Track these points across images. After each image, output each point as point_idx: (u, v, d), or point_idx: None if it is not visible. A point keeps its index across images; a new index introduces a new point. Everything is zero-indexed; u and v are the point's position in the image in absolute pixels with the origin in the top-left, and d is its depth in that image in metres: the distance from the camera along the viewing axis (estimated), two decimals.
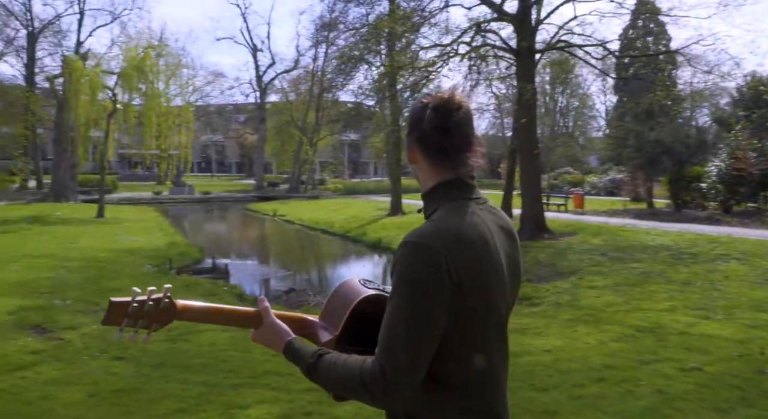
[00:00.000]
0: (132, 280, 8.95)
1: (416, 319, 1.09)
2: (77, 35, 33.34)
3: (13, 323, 5.94)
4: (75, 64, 19.69)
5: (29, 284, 7.87)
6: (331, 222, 19.41)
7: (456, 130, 1.21)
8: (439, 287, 1.09)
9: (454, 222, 1.17)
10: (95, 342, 5.37)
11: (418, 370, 1.10)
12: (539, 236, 12.97)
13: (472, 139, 1.23)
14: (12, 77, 36.72)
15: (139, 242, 13.79)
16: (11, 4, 35.24)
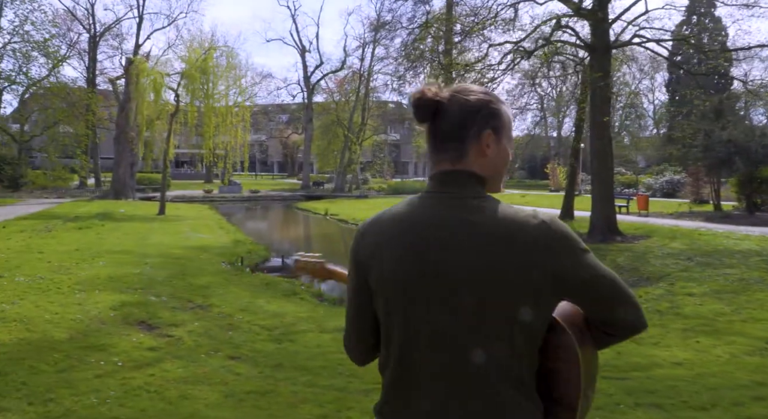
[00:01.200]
0: (213, 277, 9.09)
1: (348, 293, 1.28)
2: (136, 38, 34.32)
3: (120, 318, 6.06)
4: (142, 66, 20.21)
5: (120, 280, 8.05)
6: None
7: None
8: (352, 264, 1.24)
9: (388, 209, 1.25)
10: (205, 340, 5.43)
11: (351, 339, 1.29)
12: (611, 239, 12.59)
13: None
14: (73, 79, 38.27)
15: (207, 240, 14.02)
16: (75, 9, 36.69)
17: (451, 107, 1.20)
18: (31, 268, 8.53)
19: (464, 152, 1.20)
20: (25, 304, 6.35)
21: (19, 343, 4.96)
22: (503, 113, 1.24)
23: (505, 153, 1.24)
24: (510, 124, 1.25)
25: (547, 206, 22.52)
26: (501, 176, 1.25)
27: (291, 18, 59.57)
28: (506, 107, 1.26)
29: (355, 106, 39.87)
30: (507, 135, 1.25)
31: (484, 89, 1.26)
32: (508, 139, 1.25)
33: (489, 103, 1.23)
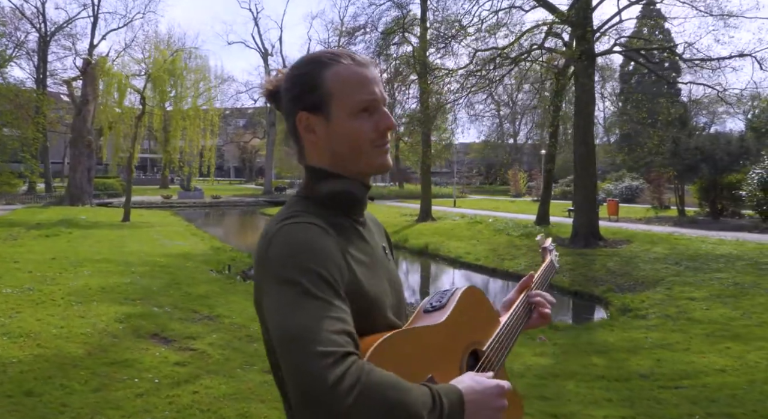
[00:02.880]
0: (209, 286, 8.73)
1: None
2: (90, 38, 32.97)
3: (131, 331, 5.70)
4: (105, 67, 19.38)
5: (114, 290, 7.61)
6: None
7: None
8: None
9: None
10: (232, 353, 5.16)
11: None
12: (594, 244, 12.88)
13: None
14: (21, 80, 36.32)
15: (184, 247, 13.52)
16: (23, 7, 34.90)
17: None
18: (13, 278, 7.95)
19: (299, 144, 1.03)
20: (24, 317, 5.88)
21: (36, 360, 4.57)
22: (326, 80, 0.97)
23: (345, 129, 0.97)
24: (349, 86, 0.97)
25: (519, 212, 22.92)
26: (356, 158, 0.98)
27: (253, 20, 58.53)
28: (340, 66, 0.98)
29: None
30: (343, 105, 0.97)
31: (303, 58, 1.04)
32: (350, 108, 0.97)
33: (296, 77, 1.00)
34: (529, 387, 4.18)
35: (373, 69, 1.01)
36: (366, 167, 1.00)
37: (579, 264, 11.03)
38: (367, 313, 0.92)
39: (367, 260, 0.98)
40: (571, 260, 11.41)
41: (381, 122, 0.98)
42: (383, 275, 1.02)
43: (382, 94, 1.00)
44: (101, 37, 40.84)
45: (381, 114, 0.99)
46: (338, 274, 0.87)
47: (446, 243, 14.77)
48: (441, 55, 14.58)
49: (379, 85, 1.01)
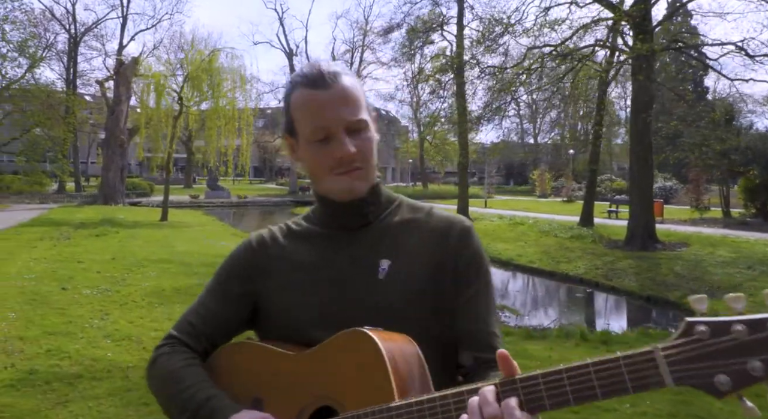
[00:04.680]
0: None
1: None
2: (120, 39, 33.22)
3: None
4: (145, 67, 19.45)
5: (188, 292, 7.50)
6: None
7: None
8: None
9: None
10: None
11: None
12: (651, 246, 12.58)
13: None
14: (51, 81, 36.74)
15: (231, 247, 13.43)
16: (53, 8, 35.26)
17: None
18: (86, 279, 7.90)
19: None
20: (115, 319, 5.80)
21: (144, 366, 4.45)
22: (291, 105, 0.97)
23: (306, 154, 0.97)
24: (303, 114, 0.95)
25: (555, 213, 22.60)
26: (318, 181, 0.99)
27: (279, 21, 58.68)
28: (297, 91, 0.96)
29: None
30: (302, 132, 0.96)
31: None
32: (306, 136, 0.95)
33: (284, 99, 1.01)
34: (678, 404, 3.97)
35: (335, 88, 0.93)
36: (327, 191, 0.99)
37: (643, 268, 10.75)
38: (275, 320, 1.00)
39: (307, 271, 1.00)
40: (633, 263, 11.13)
41: (336, 151, 0.93)
42: (325, 289, 0.98)
43: (341, 118, 0.93)
44: (130, 38, 40.87)
45: (336, 142, 0.93)
46: (232, 286, 1.04)
47: (493, 245, 14.54)
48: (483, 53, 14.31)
49: (335, 109, 0.93)
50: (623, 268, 10.90)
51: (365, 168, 0.96)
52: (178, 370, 0.96)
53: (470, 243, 1.00)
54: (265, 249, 1.05)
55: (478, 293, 0.98)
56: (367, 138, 0.96)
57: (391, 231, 1.00)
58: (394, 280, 0.96)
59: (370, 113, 0.99)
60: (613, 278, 10.37)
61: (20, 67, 27.26)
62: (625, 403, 3.89)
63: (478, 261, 1.00)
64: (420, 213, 1.03)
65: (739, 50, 11.30)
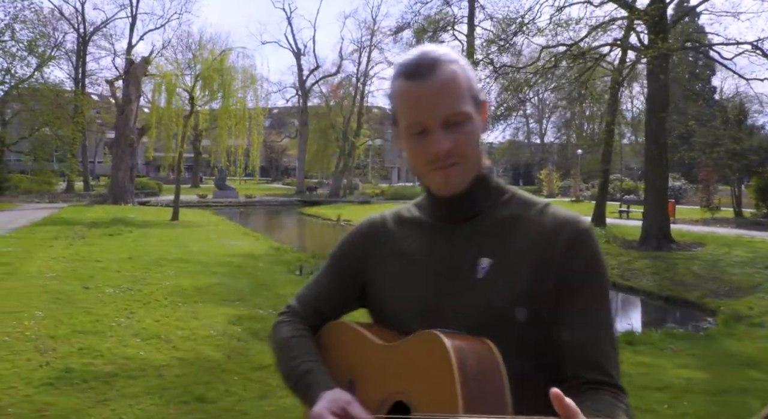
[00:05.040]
0: (294, 287, 8.60)
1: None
2: (129, 39, 33.31)
3: (250, 334, 5.57)
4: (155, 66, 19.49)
5: (208, 291, 7.53)
6: None
7: None
8: None
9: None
10: None
11: None
12: (666, 246, 12.53)
13: None
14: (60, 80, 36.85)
15: (245, 247, 13.47)
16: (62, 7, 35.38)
17: None
18: (107, 278, 7.92)
19: None
20: (141, 318, 5.81)
21: (182, 364, 4.46)
22: (392, 95, 0.95)
23: (405, 147, 0.95)
24: (401, 106, 0.93)
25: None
26: (419, 170, 0.95)
27: (287, 20, 58.76)
28: (397, 82, 0.93)
29: (352, 110, 39.52)
30: (401, 123, 0.94)
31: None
32: (404, 129, 0.93)
33: (390, 86, 0.98)
34: (717, 405, 3.95)
35: (432, 79, 0.89)
36: (428, 184, 0.97)
37: (660, 268, 10.71)
38: (378, 305, 1.01)
39: (411, 261, 0.99)
40: (649, 263, 11.09)
41: (431, 146, 0.90)
42: (424, 282, 0.96)
43: (437, 112, 0.89)
44: (139, 37, 40.94)
45: (431, 137, 0.90)
46: (344, 266, 1.07)
47: None
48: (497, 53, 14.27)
49: (431, 102, 0.89)
50: (640, 268, 10.86)
51: (463, 163, 0.91)
52: (289, 340, 1.04)
53: (583, 246, 0.91)
54: (376, 234, 1.06)
55: (587, 304, 0.90)
56: (467, 131, 0.91)
57: (497, 227, 0.95)
58: (493, 280, 0.91)
59: (476, 101, 0.93)
60: (630, 278, 10.33)
61: (29, 67, 27.38)
62: (663, 404, 3.87)
63: (591, 268, 0.91)
64: (532, 209, 0.95)
65: (754, 49, 11.24)
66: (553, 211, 0.95)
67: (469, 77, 0.93)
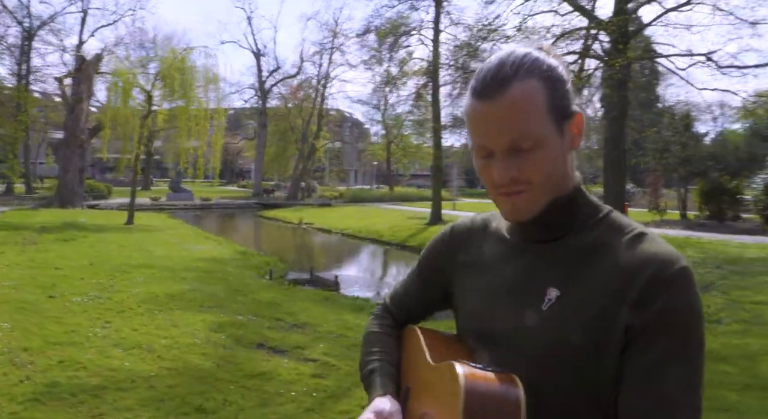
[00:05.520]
0: (269, 292, 8.49)
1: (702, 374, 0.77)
2: (79, 35, 31.96)
3: (233, 341, 5.48)
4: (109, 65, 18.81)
5: (182, 298, 7.33)
6: (376, 231, 19.06)
7: None
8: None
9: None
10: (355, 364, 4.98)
11: None
12: None
13: None
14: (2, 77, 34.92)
15: (210, 252, 13.17)
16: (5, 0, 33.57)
17: None
18: (70, 286, 7.59)
19: None
20: (118, 327, 5.61)
21: (171, 374, 4.34)
22: (465, 108, 0.91)
23: (476, 167, 0.89)
24: (468, 123, 0.87)
25: None
26: (488, 191, 0.90)
27: (246, 20, 57.66)
28: (468, 97, 0.87)
29: (312, 112, 39.25)
30: (470, 137, 0.88)
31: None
32: (472, 143, 0.87)
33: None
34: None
35: (500, 100, 0.80)
36: (497, 208, 0.90)
37: None
38: (456, 315, 1.01)
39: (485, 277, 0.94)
40: None
41: (494, 172, 0.83)
42: (491, 303, 0.90)
43: (502, 138, 0.81)
44: (90, 33, 39.37)
45: (495, 164, 0.83)
46: (428, 266, 1.07)
47: None
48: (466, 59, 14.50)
49: (497, 126, 0.81)
50: None
51: (530, 191, 0.83)
52: (372, 334, 1.08)
53: (665, 291, 0.76)
54: (457, 242, 1.01)
55: (661, 362, 0.75)
56: (537, 158, 0.81)
57: (575, 254, 0.84)
58: (555, 315, 0.82)
59: (561, 116, 0.83)
60: None
61: None
62: None
63: (674, 319, 0.76)
64: (622, 237, 0.83)
65: (707, 60, 11.87)
66: (647, 242, 0.81)
67: (553, 89, 0.83)
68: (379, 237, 18.24)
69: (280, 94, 42.72)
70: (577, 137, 0.86)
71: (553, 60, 0.85)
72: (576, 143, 0.86)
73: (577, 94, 11.77)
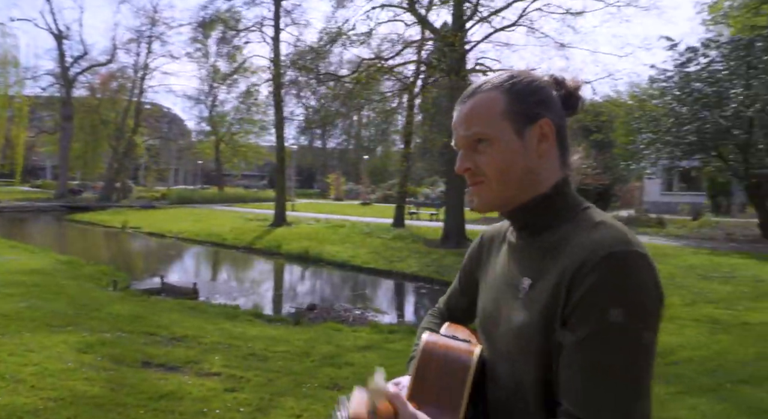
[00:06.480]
0: (124, 305, 7.62)
1: (647, 363, 0.81)
2: None
3: (113, 360, 4.87)
4: None
5: (22, 317, 6.23)
6: (218, 235, 18.14)
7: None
8: (660, 314, 0.83)
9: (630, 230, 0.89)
10: (272, 375, 4.79)
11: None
12: (465, 244, 14.27)
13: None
14: None
15: (28, 263, 11.34)
16: None
17: None
18: None
19: None
20: None
21: (63, 406, 3.70)
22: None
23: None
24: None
25: (365, 216, 23.84)
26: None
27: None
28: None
29: (129, 105, 35.77)
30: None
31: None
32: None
33: None
34: None
35: (464, 105, 0.97)
36: None
37: None
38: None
39: (491, 275, 1.06)
40: (457, 260, 12.51)
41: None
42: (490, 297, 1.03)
43: (459, 135, 0.97)
44: None
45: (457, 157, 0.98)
46: (464, 271, 1.19)
47: (323, 247, 14.88)
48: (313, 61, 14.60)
49: (459, 126, 0.97)
50: (450, 264, 12.19)
51: (488, 183, 0.94)
52: (419, 330, 1.21)
53: (595, 272, 0.81)
54: (483, 247, 1.14)
55: (584, 342, 0.80)
56: (489, 154, 0.93)
57: (547, 247, 0.92)
58: (526, 301, 0.91)
59: (520, 122, 0.93)
60: (445, 273, 11.55)
61: None
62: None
63: (602, 299, 0.80)
64: (584, 229, 0.89)
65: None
66: (599, 230, 0.87)
67: (514, 99, 0.94)
68: (222, 241, 17.38)
69: (89, 83, 38.10)
70: (542, 141, 0.94)
71: (527, 77, 0.97)
72: (542, 148, 0.94)
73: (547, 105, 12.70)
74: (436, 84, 14.74)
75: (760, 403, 4.16)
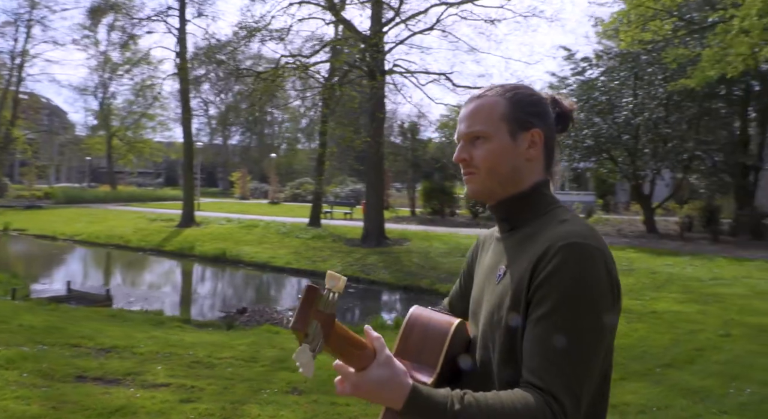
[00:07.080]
0: (33, 316, 6.95)
1: (597, 341, 0.92)
2: None
3: (46, 377, 4.43)
4: None
5: None
6: (120, 237, 16.95)
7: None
8: (612, 299, 0.95)
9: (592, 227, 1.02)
10: (225, 382, 4.58)
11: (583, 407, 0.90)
12: (384, 243, 14.48)
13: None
14: None
15: None
16: None
17: None
18: None
19: None
20: None
21: None
22: None
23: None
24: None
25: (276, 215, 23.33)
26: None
27: None
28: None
29: (5, 96, 32.33)
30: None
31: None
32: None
33: None
34: None
35: (468, 105, 1.11)
36: None
37: (389, 262, 12.36)
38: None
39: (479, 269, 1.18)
40: (379, 258, 12.67)
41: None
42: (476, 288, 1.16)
43: (460, 130, 1.11)
44: None
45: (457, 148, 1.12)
46: (463, 274, 1.28)
47: (240, 248, 14.42)
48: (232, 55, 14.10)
49: (461, 122, 1.11)
50: (374, 263, 12.32)
51: (478, 174, 1.07)
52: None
53: (555, 260, 0.93)
54: (480, 245, 1.24)
55: (540, 320, 0.92)
56: (484, 149, 1.06)
57: (522, 240, 1.05)
58: (501, 287, 1.03)
59: (514, 126, 1.06)
60: (370, 272, 11.65)
61: None
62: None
63: (558, 283, 0.91)
64: (552, 224, 1.02)
65: (447, 79, 14.08)
66: (563, 225, 1.00)
67: (514, 107, 1.07)
68: (125, 243, 16.26)
69: None
70: (531, 147, 1.07)
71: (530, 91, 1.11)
72: (530, 153, 1.07)
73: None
74: (353, 84, 14.79)
75: (688, 384, 4.64)
